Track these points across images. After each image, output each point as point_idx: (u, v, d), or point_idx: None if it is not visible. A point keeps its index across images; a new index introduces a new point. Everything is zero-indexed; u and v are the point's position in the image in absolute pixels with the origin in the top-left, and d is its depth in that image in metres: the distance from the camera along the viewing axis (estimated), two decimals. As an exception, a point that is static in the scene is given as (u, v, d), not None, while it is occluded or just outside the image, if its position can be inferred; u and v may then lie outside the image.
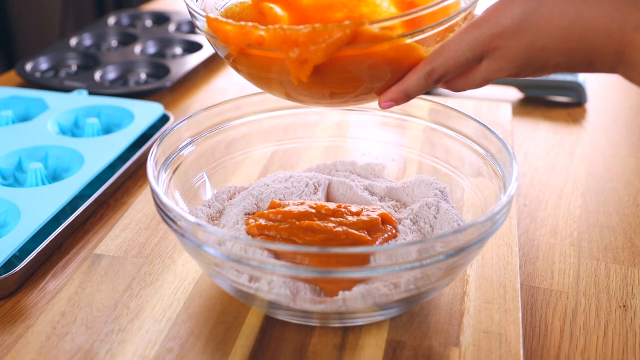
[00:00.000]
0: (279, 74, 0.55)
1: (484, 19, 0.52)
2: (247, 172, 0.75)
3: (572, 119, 1.00)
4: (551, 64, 0.52)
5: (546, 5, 0.50)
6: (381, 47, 0.53)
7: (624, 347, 0.60)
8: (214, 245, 0.52)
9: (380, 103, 0.57)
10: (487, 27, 0.52)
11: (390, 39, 0.52)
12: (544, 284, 0.67)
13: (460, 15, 0.55)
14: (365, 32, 0.51)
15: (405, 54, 0.55)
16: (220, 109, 0.70)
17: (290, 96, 0.59)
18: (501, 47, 0.52)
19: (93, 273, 0.64)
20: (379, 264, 0.51)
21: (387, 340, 0.56)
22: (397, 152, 0.74)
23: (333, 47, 0.51)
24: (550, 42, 0.51)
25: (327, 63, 0.53)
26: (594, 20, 0.49)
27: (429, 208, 0.64)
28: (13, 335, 0.60)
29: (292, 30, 0.52)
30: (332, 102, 0.60)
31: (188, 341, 0.56)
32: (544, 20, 0.50)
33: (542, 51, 0.51)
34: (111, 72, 1.11)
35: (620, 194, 0.82)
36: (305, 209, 0.61)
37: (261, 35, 0.53)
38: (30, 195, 0.73)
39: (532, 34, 0.51)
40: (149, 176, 0.58)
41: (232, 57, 0.56)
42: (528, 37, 0.51)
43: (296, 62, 0.52)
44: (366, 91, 0.57)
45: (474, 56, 0.53)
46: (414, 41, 0.54)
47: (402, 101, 0.57)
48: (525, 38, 0.51)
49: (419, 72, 0.55)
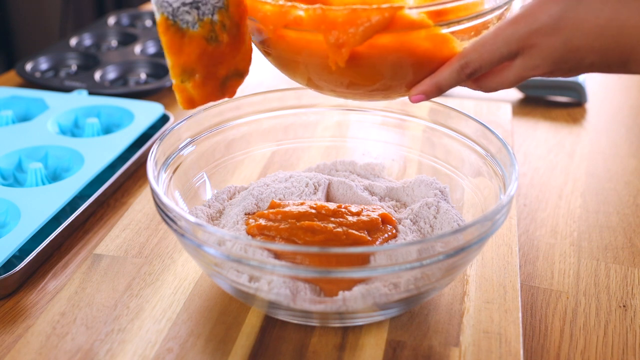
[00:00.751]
0: (310, 57, 0.55)
1: (522, 16, 0.52)
2: (247, 172, 0.75)
3: (572, 119, 1.00)
4: (586, 63, 0.52)
5: (584, 3, 0.50)
6: (417, 35, 0.53)
7: (624, 347, 0.60)
8: (214, 245, 0.52)
9: (411, 96, 0.57)
10: (525, 24, 0.52)
11: (427, 26, 0.52)
12: (544, 284, 0.67)
13: (495, 12, 0.55)
14: (403, 18, 0.51)
15: (440, 45, 0.54)
16: (220, 109, 0.70)
17: (312, 82, 0.59)
18: (537, 44, 0.52)
19: (93, 273, 0.64)
20: (379, 264, 0.51)
21: (387, 340, 0.56)
22: (397, 152, 0.74)
23: (371, 31, 0.51)
24: (586, 40, 0.51)
25: (363, 50, 0.53)
26: (629, 19, 0.49)
27: (429, 208, 0.64)
28: (13, 335, 0.60)
29: (330, 11, 0.52)
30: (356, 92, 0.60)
31: (188, 341, 0.56)
32: (581, 18, 0.50)
33: (578, 49, 0.51)
34: (111, 72, 1.11)
35: (620, 194, 0.82)
36: (305, 210, 0.61)
37: (299, 16, 0.53)
38: (30, 195, 0.73)
39: (568, 32, 0.51)
40: (149, 176, 0.58)
41: (266, 39, 0.56)
42: (565, 35, 0.51)
43: (334, 46, 0.52)
44: (397, 84, 0.57)
45: (510, 52, 0.53)
46: (449, 32, 0.54)
47: (434, 95, 0.56)
48: (562, 35, 0.51)
49: (452, 65, 0.54)
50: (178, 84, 0.55)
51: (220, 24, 0.54)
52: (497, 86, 0.56)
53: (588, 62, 0.52)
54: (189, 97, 0.56)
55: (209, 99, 0.57)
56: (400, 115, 0.72)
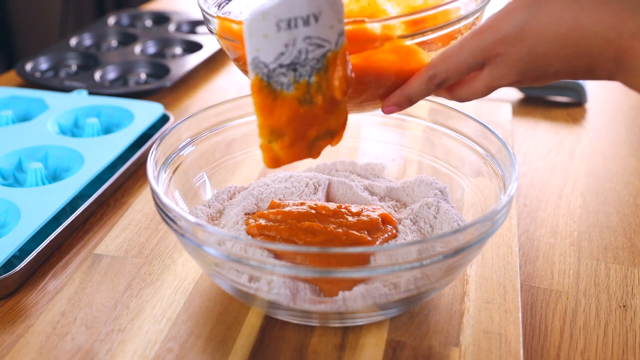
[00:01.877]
0: None
1: (487, 26, 0.53)
2: (247, 172, 0.75)
3: (572, 119, 1.00)
4: (552, 71, 0.53)
5: (545, 12, 0.51)
6: (382, 48, 0.54)
7: (624, 347, 0.60)
8: (214, 245, 0.52)
9: (384, 108, 0.57)
10: (489, 34, 0.52)
11: (390, 38, 0.53)
12: (544, 284, 0.67)
13: (461, 22, 0.56)
14: (365, 32, 0.52)
15: (407, 57, 0.55)
16: (220, 109, 0.70)
17: None
18: (502, 53, 0.52)
19: (93, 273, 0.64)
20: (379, 264, 0.51)
21: (387, 340, 0.56)
22: (397, 152, 0.74)
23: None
24: (550, 48, 0.51)
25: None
26: (591, 27, 0.50)
27: (429, 208, 0.64)
28: (13, 335, 0.60)
29: None
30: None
31: (188, 341, 0.56)
32: (543, 27, 0.51)
33: (543, 57, 0.52)
34: (111, 72, 1.11)
35: (620, 194, 0.82)
36: (306, 210, 0.61)
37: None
38: (30, 195, 0.73)
39: (532, 40, 0.51)
40: (149, 176, 0.58)
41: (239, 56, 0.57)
42: (529, 43, 0.51)
43: None
44: (370, 97, 0.57)
45: (476, 62, 0.53)
46: (415, 44, 0.54)
47: (405, 106, 0.57)
48: (526, 44, 0.51)
49: (421, 76, 0.55)
50: (265, 144, 0.54)
51: (317, 86, 0.51)
52: (469, 96, 0.56)
53: (554, 70, 0.52)
54: (274, 157, 0.54)
55: (296, 158, 0.56)
56: (400, 115, 0.72)
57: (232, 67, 1.18)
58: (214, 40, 1.23)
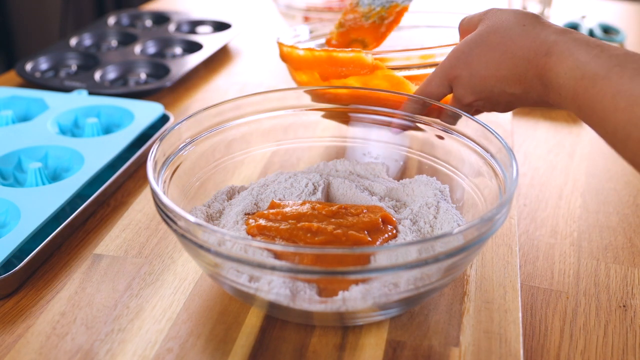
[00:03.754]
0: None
1: (448, 55, 0.64)
2: (247, 172, 0.75)
3: (572, 119, 1.00)
4: (497, 91, 0.62)
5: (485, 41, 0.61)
6: (376, 75, 0.70)
7: (624, 347, 0.60)
8: (214, 245, 0.52)
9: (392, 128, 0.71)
10: (448, 60, 0.64)
11: (380, 67, 0.70)
12: (544, 284, 0.67)
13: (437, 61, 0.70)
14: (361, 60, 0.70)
15: (397, 86, 0.70)
16: (220, 109, 0.70)
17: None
18: (458, 75, 0.63)
19: (93, 273, 0.64)
20: (379, 264, 0.51)
21: (387, 340, 0.56)
22: (397, 152, 0.74)
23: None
24: (488, 70, 0.61)
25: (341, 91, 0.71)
26: (517, 52, 0.59)
27: (429, 208, 0.64)
28: (13, 335, 0.60)
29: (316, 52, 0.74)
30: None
31: (188, 341, 0.56)
32: (483, 53, 0.61)
33: (485, 79, 0.62)
34: (111, 72, 1.11)
35: (620, 194, 0.82)
36: (306, 210, 0.61)
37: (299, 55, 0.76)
38: (30, 195, 0.73)
39: (475, 64, 0.62)
40: (149, 176, 0.58)
41: None
42: (473, 66, 0.62)
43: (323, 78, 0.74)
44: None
45: (445, 86, 0.65)
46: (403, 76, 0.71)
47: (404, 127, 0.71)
48: (472, 67, 0.62)
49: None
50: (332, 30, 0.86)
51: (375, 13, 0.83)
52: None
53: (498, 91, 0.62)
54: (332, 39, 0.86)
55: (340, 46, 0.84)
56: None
57: (232, 67, 1.18)
58: (214, 40, 1.23)
